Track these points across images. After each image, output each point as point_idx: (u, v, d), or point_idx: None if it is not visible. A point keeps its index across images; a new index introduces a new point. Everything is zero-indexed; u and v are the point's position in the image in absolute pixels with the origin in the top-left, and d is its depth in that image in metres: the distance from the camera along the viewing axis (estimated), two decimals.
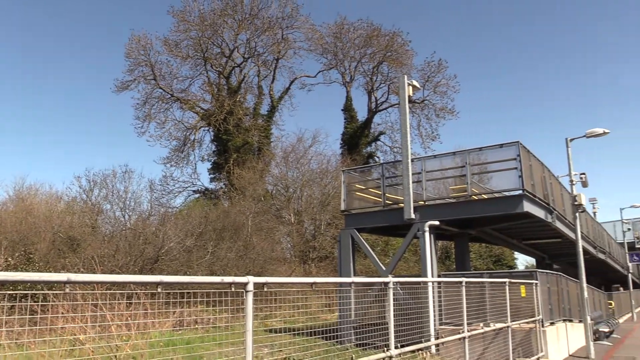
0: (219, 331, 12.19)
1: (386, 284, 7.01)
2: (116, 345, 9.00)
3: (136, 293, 10.17)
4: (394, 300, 8.92)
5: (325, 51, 50.40)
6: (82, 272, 17.27)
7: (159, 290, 4.32)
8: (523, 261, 68.18)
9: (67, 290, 3.88)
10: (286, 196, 39.22)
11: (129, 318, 9.36)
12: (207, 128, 46.09)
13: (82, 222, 25.01)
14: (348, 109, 50.41)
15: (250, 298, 4.89)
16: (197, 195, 44.81)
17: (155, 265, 20.96)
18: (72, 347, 8.24)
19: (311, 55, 51.76)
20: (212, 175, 45.83)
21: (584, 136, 16.68)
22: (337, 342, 8.69)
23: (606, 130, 16.44)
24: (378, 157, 50.56)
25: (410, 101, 26.05)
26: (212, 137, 46.09)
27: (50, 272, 15.71)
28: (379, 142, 52.44)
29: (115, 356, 8.40)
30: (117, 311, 9.47)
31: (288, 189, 39.60)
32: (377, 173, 19.67)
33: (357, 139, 49.14)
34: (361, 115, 51.07)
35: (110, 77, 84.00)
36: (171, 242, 22.30)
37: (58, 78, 74.25)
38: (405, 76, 17.70)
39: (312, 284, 5.75)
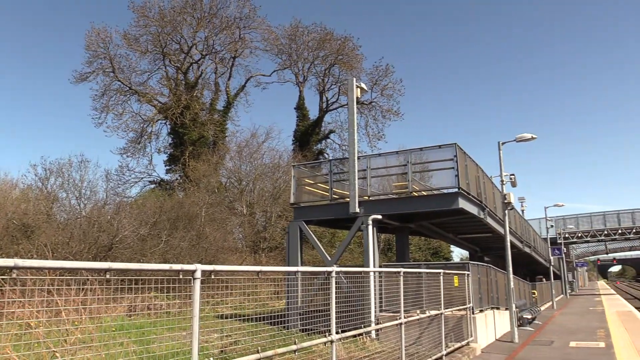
0: (170, 317, 12.00)
1: (329, 273, 7.05)
2: (66, 329, 8.72)
3: (88, 279, 9.87)
4: (338, 289, 8.99)
5: (280, 52, 50.29)
6: (35, 259, 16.63)
7: (108, 276, 4.20)
8: (458, 254, 69.98)
9: (14, 275, 3.73)
10: (239, 189, 38.92)
11: (80, 304, 9.08)
12: (164, 121, 45.18)
13: (37, 209, 24.03)
14: (300, 107, 50.47)
15: (197, 285, 4.82)
16: (152, 186, 43.91)
17: (109, 253, 20.39)
18: (22, 332, 7.94)
19: (267, 55, 51.57)
20: (167, 167, 45.00)
21: (515, 140, 17.22)
22: (283, 327, 8.68)
23: (534, 136, 17.02)
24: (327, 154, 50.89)
25: (358, 102, 26.26)
26: (169, 130, 45.25)
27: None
28: (329, 140, 52.76)
29: (65, 340, 8.13)
30: (69, 297, 9.16)
31: (241, 182, 39.30)
32: (325, 169, 19.76)
33: (308, 136, 49.27)
34: (313, 114, 51.27)
35: (70, 68, 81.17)
36: (126, 230, 21.74)
37: (16, 66, 71.09)
38: (354, 79, 17.82)
39: (258, 272, 5.73)
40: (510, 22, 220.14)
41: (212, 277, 5.27)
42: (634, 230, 48.16)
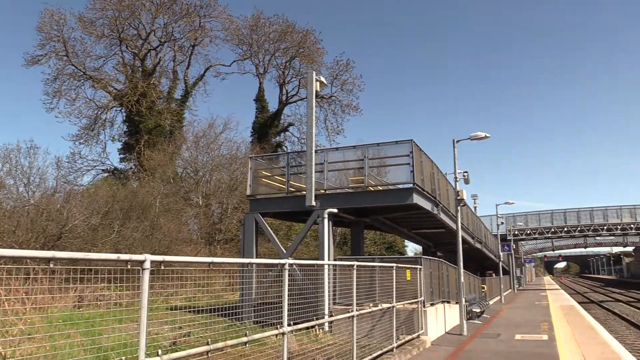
0: (120, 308, 11.73)
1: (282, 265, 7.03)
2: (9, 320, 8.41)
3: (33, 269, 9.54)
4: (292, 281, 8.97)
5: (241, 42, 49.79)
6: None
7: (52, 265, 4.05)
8: (412, 248, 70.99)
9: None
10: (195, 179, 38.37)
11: (24, 294, 8.76)
12: (119, 108, 44.05)
13: None
14: (260, 99, 50.14)
15: (146, 276, 4.72)
16: (105, 175, 42.77)
17: (57, 242, 19.74)
18: None
19: (227, 45, 51.14)
20: (122, 156, 43.91)
21: (469, 138, 17.58)
22: (237, 320, 8.61)
23: (487, 135, 17.43)
24: (286, 147, 50.81)
25: (317, 96, 26.23)
26: (124, 118, 44.15)
27: None
28: (287, 133, 52.66)
29: (7, 331, 7.83)
30: (12, 287, 8.83)
31: (197, 173, 38.76)
32: (283, 161, 19.69)
33: (267, 128, 49.02)
34: (272, 106, 51.04)
35: (20, 50, 77.95)
36: (76, 220, 21.10)
37: None
38: (314, 72, 17.79)
39: (210, 263, 5.65)
40: (469, 22, 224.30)
41: (162, 267, 5.17)
42: (579, 229, 50.09)
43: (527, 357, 12.04)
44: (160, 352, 4.94)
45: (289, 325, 7.05)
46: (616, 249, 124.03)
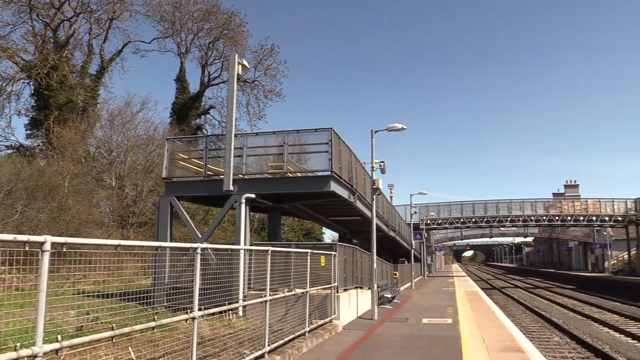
0: (22, 292, 11.06)
1: (194, 249, 6.92)
2: None
3: None
4: (206, 266, 8.85)
5: (163, 19, 47.88)
6: None
7: None
8: (329, 235, 72.12)
9: None
10: (109, 160, 36.71)
11: None
12: (27, 81, 40.99)
13: None
14: (181, 79, 48.65)
15: (46, 258, 4.48)
16: (10, 151, 39.85)
17: None
18: None
19: (148, 21, 48.81)
20: (28, 132, 40.99)
21: (386, 129, 18.02)
22: (148, 305, 8.39)
23: (404, 127, 17.94)
24: (206, 130, 49.71)
25: (240, 80, 25.82)
26: (32, 91, 41.12)
27: None
28: (208, 116, 51.55)
29: None
30: None
31: (111, 153, 37.09)
32: (202, 144, 19.28)
33: (187, 110, 47.69)
34: (193, 87, 49.66)
35: None
36: None
37: None
38: (236, 55, 17.51)
39: (117, 246, 5.45)
40: (392, 15, 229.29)
41: (67, 250, 4.92)
42: (485, 220, 52.98)
43: (432, 340, 12.63)
44: (60, 337, 4.72)
45: (199, 310, 6.96)
46: (518, 239, 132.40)
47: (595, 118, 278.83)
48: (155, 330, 6.72)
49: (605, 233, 60.78)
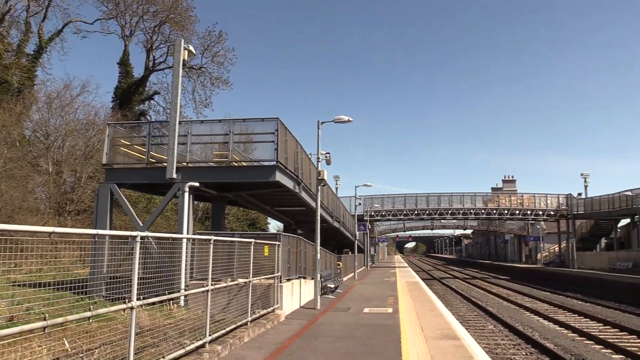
0: None
1: (134, 237, 6.75)
2: None
3: None
4: (147, 255, 8.67)
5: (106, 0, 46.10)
6: None
7: None
8: (275, 226, 71.89)
9: None
10: (46, 144, 35.10)
11: None
12: None
13: None
14: (124, 63, 47.02)
15: None
16: None
17: None
18: None
19: (91, 0, 46.86)
20: None
21: (333, 121, 18.12)
22: (86, 295, 8.13)
23: (350, 119, 18.09)
24: (150, 116, 48.39)
25: (186, 65, 25.26)
26: None
27: None
28: (152, 102, 50.19)
29: None
30: None
31: (49, 137, 35.46)
32: (145, 131, 18.79)
33: (130, 95, 46.21)
34: (137, 72, 48.11)
35: None
36: None
37: None
38: (182, 40, 17.12)
39: (50, 233, 5.25)
40: (344, 6, 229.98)
41: None
42: (427, 212, 54.27)
43: (373, 328, 12.88)
44: None
45: (138, 299, 6.82)
46: (458, 231, 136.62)
47: (529, 119, 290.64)
48: (91, 321, 6.54)
49: (538, 226, 63.58)
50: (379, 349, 10.19)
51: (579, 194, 55.02)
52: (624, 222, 51.11)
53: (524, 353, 14.22)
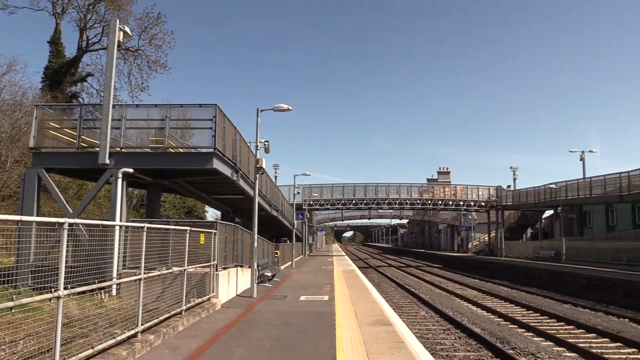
0: None
1: (61, 224, 6.50)
2: None
3: None
4: (78, 243, 8.35)
5: None
6: None
7: None
8: (213, 214, 70.99)
9: None
10: None
11: None
12: None
13: None
14: (55, 42, 44.64)
15: None
16: None
17: None
18: None
19: None
20: None
21: (272, 109, 18.03)
22: (10, 284, 7.75)
23: (289, 107, 18.05)
24: (83, 99, 46.23)
25: (121, 47, 24.37)
26: None
27: None
28: (85, 84, 47.91)
29: None
30: None
31: None
32: (77, 114, 17.98)
33: (61, 76, 43.99)
34: (70, 52, 45.80)
35: None
36: None
37: None
38: (117, 20, 16.49)
39: None
40: None
41: None
42: (364, 202, 55.15)
43: (308, 315, 13.02)
44: None
45: (66, 288, 6.58)
46: (394, 221, 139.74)
47: (458, 115, 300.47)
48: (14, 311, 6.27)
49: (470, 217, 66.03)
50: (314, 335, 10.32)
51: (508, 186, 57.52)
52: (548, 213, 53.99)
53: (453, 337, 14.80)
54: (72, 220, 6.77)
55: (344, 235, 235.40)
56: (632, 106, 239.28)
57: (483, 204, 55.62)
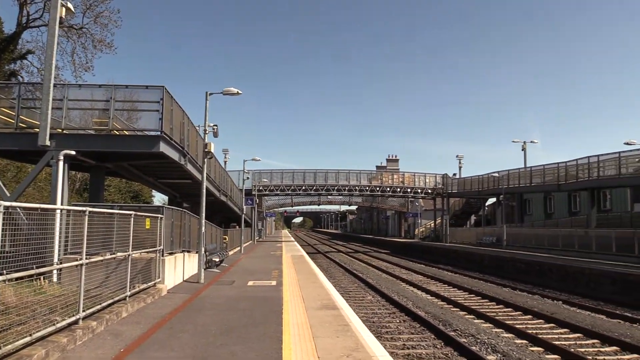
0: None
1: None
2: None
3: None
4: (15, 228, 8.01)
5: None
6: None
7: None
8: (160, 199, 69.50)
9: None
10: None
11: None
12: None
13: None
14: None
15: None
16: None
17: None
18: None
19: None
20: None
21: (222, 93, 17.76)
22: None
23: (239, 91, 17.83)
24: (22, 77, 44.05)
25: (64, 24, 23.32)
26: None
27: None
28: (25, 62, 45.52)
29: None
30: None
31: None
32: (15, 92, 17.15)
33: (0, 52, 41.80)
34: (8, 27, 43.39)
35: None
36: None
37: None
38: None
39: None
40: None
41: None
42: (314, 188, 55.33)
43: (256, 300, 13.02)
44: None
45: (1, 274, 6.32)
46: (343, 207, 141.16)
47: (412, 109, 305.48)
48: None
49: (417, 203, 67.47)
50: (261, 319, 10.35)
51: (454, 174, 59.01)
52: (491, 200, 55.79)
53: (398, 321, 15.16)
54: (8, 204, 6.50)
55: (293, 221, 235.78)
56: (568, 103, 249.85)
57: (430, 191, 56.88)
